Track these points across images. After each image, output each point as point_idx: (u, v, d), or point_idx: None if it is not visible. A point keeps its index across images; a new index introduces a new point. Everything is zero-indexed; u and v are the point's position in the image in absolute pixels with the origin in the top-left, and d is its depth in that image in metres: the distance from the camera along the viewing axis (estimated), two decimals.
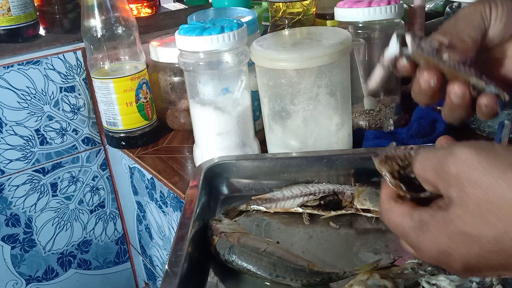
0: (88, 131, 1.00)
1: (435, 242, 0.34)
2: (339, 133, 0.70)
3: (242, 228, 0.57)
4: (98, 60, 0.85)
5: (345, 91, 0.69)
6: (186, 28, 0.66)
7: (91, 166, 1.02)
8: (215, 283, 0.52)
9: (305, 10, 0.81)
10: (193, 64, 0.67)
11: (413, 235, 0.36)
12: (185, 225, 0.54)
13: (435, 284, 0.46)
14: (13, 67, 0.89)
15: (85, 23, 0.82)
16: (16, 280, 0.99)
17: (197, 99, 0.71)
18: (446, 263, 0.35)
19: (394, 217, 0.37)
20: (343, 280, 0.49)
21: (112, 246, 1.10)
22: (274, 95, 0.68)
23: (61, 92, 0.95)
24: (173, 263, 0.49)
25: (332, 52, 0.64)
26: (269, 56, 0.65)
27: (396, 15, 0.76)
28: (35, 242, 0.99)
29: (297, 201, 0.62)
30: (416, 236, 0.35)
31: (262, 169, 0.67)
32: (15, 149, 0.93)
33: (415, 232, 0.35)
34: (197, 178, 0.63)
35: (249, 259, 0.51)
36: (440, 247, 0.34)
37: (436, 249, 0.34)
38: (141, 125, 0.87)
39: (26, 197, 0.96)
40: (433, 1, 1.12)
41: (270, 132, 0.72)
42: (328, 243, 0.57)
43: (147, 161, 0.84)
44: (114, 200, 1.07)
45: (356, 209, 0.60)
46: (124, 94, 0.84)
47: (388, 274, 0.47)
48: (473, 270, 0.34)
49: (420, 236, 0.35)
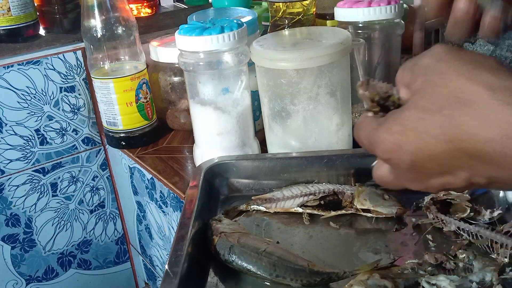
0: (88, 131, 1.00)
1: (389, 131, 0.34)
2: (339, 133, 0.70)
3: (242, 228, 0.57)
4: (98, 60, 0.85)
5: (345, 91, 0.69)
6: (186, 28, 0.66)
7: (91, 166, 1.02)
8: (215, 283, 0.52)
9: (305, 10, 0.81)
10: (193, 64, 0.67)
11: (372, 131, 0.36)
12: (185, 225, 0.54)
13: (435, 284, 0.46)
14: (13, 67, 0.89)
15: (85, 23, 0.82)
16: (16, 280, 0.99)
17: (197, 99, 0.71)
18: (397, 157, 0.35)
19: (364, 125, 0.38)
20: (343, 280, 0.49)
21: (112, 246, 1.10)
22: (274, 95, 0.68)
23: (61, 92, 0.95)
24: (173, 263, 0.49)
25: (332, 52, 0.64)
26: (269, 56, 0.65)
27: (396, 15, 0.76)
28: (35, 242, 1.00)
29: (297, 201, 0.62)
30: (374, 130, 0.36)
31: (262, 169, 0.67)
32: (15, 149, 0.93)
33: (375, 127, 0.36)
34: (197, 178, 0.63)
35: (249, 259, 0.51)
36: (393, 137, 0.34)
37: (389, 140, 0.35)
38: (141, 125, 0.87)
39: (26, 197, 0.96)
40: None
41: (270, 132, 0.72)
42: (328, 243, 0.57)
43: (147, 161, 0.84)
44: (114, 200, 1.07)
45: (356, 209, 0.60)
46: (124, 94, 0.84)
47: (388, 274, 0.47)
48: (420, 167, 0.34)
49: (377, 129, 0.36)
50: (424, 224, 0.57)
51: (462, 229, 0.54)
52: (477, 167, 0.32)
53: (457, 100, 0.31)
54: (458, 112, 0.31)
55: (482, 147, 0.31)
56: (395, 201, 0.60)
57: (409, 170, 0.35)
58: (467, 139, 0.31)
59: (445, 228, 0.56)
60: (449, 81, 0.32)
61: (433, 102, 0.32)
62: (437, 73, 0.33)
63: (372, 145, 0.37)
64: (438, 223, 0.56)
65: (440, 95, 0.32)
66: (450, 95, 0.32)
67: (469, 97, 0.31)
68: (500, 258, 0.49)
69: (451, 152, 0.32)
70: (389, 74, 0.81)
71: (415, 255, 0.53)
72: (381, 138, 0.35)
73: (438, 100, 0.32)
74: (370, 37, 0.78)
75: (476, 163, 0.32)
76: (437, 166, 0.33)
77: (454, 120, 0.31)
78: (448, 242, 0.54)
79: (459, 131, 0.31)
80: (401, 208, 0.59)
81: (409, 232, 0.57)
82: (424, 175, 0.35)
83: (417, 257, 0.52)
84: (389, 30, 0.78)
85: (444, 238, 0.55)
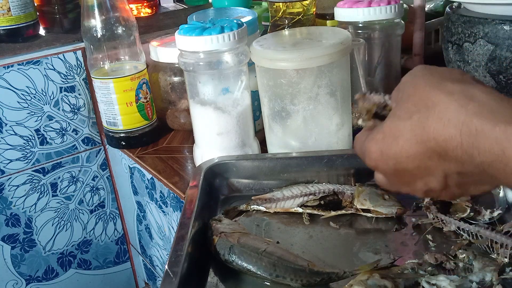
0: (88, 131, 1.00)
1: (373, 141, 0.40)
2: (339, 133, 0.70)
3: (242, 228, 0.57)
4: (98, 60, 0.85)
5: (345, 91, 0.69)
6: (186, 28, 0.66)
7: (91, 166, 1.02)
8: (215, 283, 0.52)
9: (305, 10, 0.81)
10: (193, 64, 0.67)
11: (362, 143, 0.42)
12: (185, 225, 0.54)
13: (435, 284, 0.46)
14: (13, 67, 0.89)
15: (85, 23, 0.82)
16: (16, 280, 0.99)
17: (197, 99, 0.71)
18: (381, 163, 0.40)
19: (359, 138, 0.43)
20: (343, 280, 0.49)
21: (112, 246, 1.10)
22: (274, 95, 0.68)
23: (61, 92, 0.95)
24: (173, 263, 0.49)
25: (332, 52, 0.64)
26: (269, 56, 0.65)
27: (396, 15, 0.76)
28: (35, 242, 1.00)
29: (297, 201, 0.62)
30: (364, 142, 0.41)
31: (262, 169, 0.67)
32: (15, 149, 0.93)
33: (364, 139, 0.42)
34: (197, 178, 0.63)
35: (249, 259, 0.51)
36: (377, 145, 0.39)
37: (374, 149, 0.40)
38: (141, 125, 0.87)
39: (26, 197, 0.96)
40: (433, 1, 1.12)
41: (270, 132, 0.72)
42: (328, 243, 0.57)
43: (147, 161, 0.84)
44: (114, 200, 1.07)
45: (356, 209, 0.60)
46: (124, 94, 0.84)
47: (388, 274, 0.47)
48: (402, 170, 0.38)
49: (365, 140, 0.41)
50: (424, 224, 0.57)
51: (462, 229, 0.54)
52: (447, 165, 0.36)
53: (424, 105, 0.36)
54: (424, 116, 0.36)
55: (445, 145, 0.35)
56: (395, 201, 0.60)
57: (394, 175, 0.40)
58: (432, 139, 0.35)
59: (445, 228, 0.56)
60: (419, 91, 0.37)
61: (406, 110, 0.37)
62: (412, 86, 0.38)
63: (363, 155, 0.42)
64: (438, 223, 0.56)
65: (411, 103, 0.37)
66: (419, 102, 0.36)
67: (433, 101, 0.35)
68: (500, 258, 0.49)
69: (423, 153, 0.36)
70: (389, 74, 0.81)
71: (415, 255, 0.53)
72: (368, 148, 0.40)
73: (410, 108, 0.37)
74: (370, 37, 0.78)
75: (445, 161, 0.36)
76: (416, 168, 0.38)
77: (422, 123, 0.36)
78: (448, 242, 0.54)
79: (426, 132, 0.35)
80: (401, 208, 0.59)
81: (409, 232, 0.57)
82: (408, 177, 0.39)
83: (417, 257, 0.52)
84: (389, 30, 0.78)
85: (444, 238, 0.55)
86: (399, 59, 0.82)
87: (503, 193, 0.59)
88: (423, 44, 0.90)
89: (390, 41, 0.79)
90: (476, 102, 0.34)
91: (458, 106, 0.34)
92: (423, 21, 0.89)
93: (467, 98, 0.34)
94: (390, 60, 0.81)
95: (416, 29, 0.89)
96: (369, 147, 0.40)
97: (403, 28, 0.79)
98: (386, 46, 0.79)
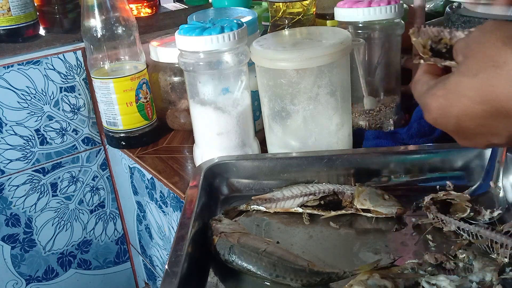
0: (88, 131, 1.00)
1: (435, 97, 0.38)
2: (339, 133, 0.70)
3: (242, 228, 0.57)
4: (98, 60, 0.85)
5: (345, 91, 0.69)
6: (186, 28, 0.66)
7: (91, 166, 1.02)
8: (215, 283, 0.52)
9: (305, 10, 0.81)
10: (193, 64, 0.67)
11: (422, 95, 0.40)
12: (185, 225, 0.54)
13: (435, 284, 0.46)
14: (13, 67, 0.89)
15: (85, 23, 0.82)
16: (16, 280, 0.99)
17: (197, 99, 0.71)
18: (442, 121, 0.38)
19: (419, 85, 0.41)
20: (343, 280, 0.49)
21: (112, 246, 1.10)
22: (274, 95, 0.68)
23: (61, 92, 0.95)
24: (173, 263, 0.49)
25: (332, 52, 0.64)
26: (269, 56, 0.65)
27: (396, 15, 0.76)
28: (35, 242, 1.00)
29: (297, 201, 0.62)
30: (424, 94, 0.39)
31: (262, 169, 0.67)
32: (15, 149, 0.93)
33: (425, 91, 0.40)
34: (197, 178, 0.63)
35: (249, 259, 0.51)
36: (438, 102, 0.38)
37: (435, 105, 0.38)
38: (141, 125, 0.87)
39: (26, 197, 0.96)
40: (433, 1, 1.12)
41: (270, 132, 0.72)
42: (328, 243, 0.57)
43: (147, 161, 0.84)
44: (114, 200, 1.07)
45: (356, 209, 0.60)
46: (124, 94, 0.84)
47: (388, 274, 0.47)
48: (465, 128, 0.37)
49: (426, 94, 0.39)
50: (424, 224, 0.57)
51: (462, 229, 0.54)
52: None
53: (492, 64, 0.34)
54: (492, 75, 0.34)
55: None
56: (395, 201, 0.60)
57: (455, 132, 0.39)
58: (500, 100, 0.34)
59: (445, 228, 0.56)
60: (487, 48, 0.34)
61: (472, 67, 0.35)
62: (480, 42, 0.35)
63: (423, 108, 0.40)
64: (438, 223, 0.56)
65: (478, 61, 0.35)
66: (487, 59, 0.34)
67: (502, 60, 0.33)
68: (500, 258, 0.49)
69: (488, 113, 0.35)
70: (389, 74, 0.81)
71: (415, 255, 0.53)
72: (428, 103, 0.39)
73: (476, 65, 0.35)
74: (370, 37, 0.78)
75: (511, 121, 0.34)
76: (479, 126, 0.36)
77: (488, 82, 0.34)
78: (448, 242, 0.54)
79: (492, 92, 0.34)
80: (401, 208, 0.59)
81: (409, 232, 0.57)
82: (470, 135, 0.38)
83: (417, 257, 0.52)
84: (389, 30, 0.78)
85: (444, 238, 0.55)
86: (399, 59, 0.82)
87: (503, 193, 0.59)
88: None
89: (390, 41, 0.79)
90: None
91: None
92: (423, 21, 0.89)
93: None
94: (390, 60, 0.81)
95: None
96: (429, 103, 0.39)
97: (403, 28, 0.79)
98: (386, 46, 0.79)
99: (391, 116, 0.81)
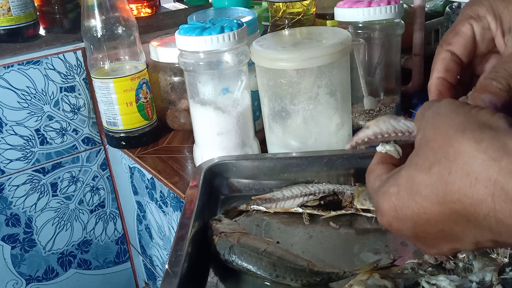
0: (88, 131, 1.00)
1: (387, 196, 0.32)
2: (339, 133, 0.70)
3: (242, 228, 0.57)
4: (98, 60, 0.85)
5: (345, 91, 0.69)
6: (186, 28, 0.66)
7: (91, 166, 1.02)
8: (215, 283, 0.52)
9: (305, 10, 0.81)
10: (193, 64, 0.67)
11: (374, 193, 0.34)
12: (185, 225, 0.54)
13: (435, 284, 0.46)
14: (13, 67, 0.89)
15: (85, 23, 0.82)
16: (16, 280, 0.99)
17: (197, 99, 0.71)
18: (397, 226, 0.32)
19: (371, 179, 0.35)
20: (343, 280, 0.49)
21: (112, 246, 1.10)
22: (274, 95, 0.68)
23: (61, 92, 0.95)
24: (173, 263, 0.49)
25: (332, 52, 0.64)
26: (269, 56, 0.65)
27: (396, 15, 0.76)
28: (35, 242, 1.00)
29: (297, 201, 0.62)
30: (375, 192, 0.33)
31: (262, 169, 0.67)
32: (15, 149, 0.93)
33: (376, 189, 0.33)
34: (197, 178, 0.63)
35: (249, 259, 0.51)
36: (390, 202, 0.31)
37: (387, 206, 0.31)
38: (141, 125, 0.87)
39: (26, 197, 0.96)
40: (433, 1, 1.12)
41: (270, 132, 0.72)
42: (328, 243, 0.57)
43: (147, 161, 0.84)
44: (114, 200, 1.07)
45: (356, 209, 0.60)
46: (124, 94, 0.84)
47: (388, 274, 0.47)
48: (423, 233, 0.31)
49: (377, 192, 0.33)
50: None
51: None
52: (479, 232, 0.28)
53: (445, 155, 0.28)
54: (446, 169, 0.28)
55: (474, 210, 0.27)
56: None
57: (413, 238, 0.32)
58: (457, 200, 0.28)
59: None
60: (440, 135, 0.29)
61: (424, 159, 0.30)
62: (433, 127, 0.30)
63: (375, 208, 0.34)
64: None
65: (431, 150, 0.29)
66: (439, 149, 0.29)
67: (453, 151, 0.28)
68: (500, 258, 0.49)
69: (447, 215, 0.29)
70: (389, 74, 0.81)
71: (415, 255, 0.53)
72: (380, 203, 0.32)
73: (429, 156, 0.29)
74: (370, 37, 0.78)
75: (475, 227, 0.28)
76: (439, 231, 0.30)
77: (443, 178, 0.28)
78: None
79: (449, 191, 0.28)
80: None
81: None
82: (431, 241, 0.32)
83: (417, 257, 0.52)
84: (389, 30, 0.78)
85: None
86: (399, 59, 0.82)
87: None
88: (423, 44, 0.89)
89: (390, 41, 0.79)
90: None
91: (488, 160, 0.26)
92: (423, 21, 0.89)
93: (499, 150, 0.26)
94: (390, 60, 0.81)
95: (416, 29, 0.89)
96: (381, 203, 0.32)
97: (403, 28, 0.79)
98: (386, 46, 0.79)
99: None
